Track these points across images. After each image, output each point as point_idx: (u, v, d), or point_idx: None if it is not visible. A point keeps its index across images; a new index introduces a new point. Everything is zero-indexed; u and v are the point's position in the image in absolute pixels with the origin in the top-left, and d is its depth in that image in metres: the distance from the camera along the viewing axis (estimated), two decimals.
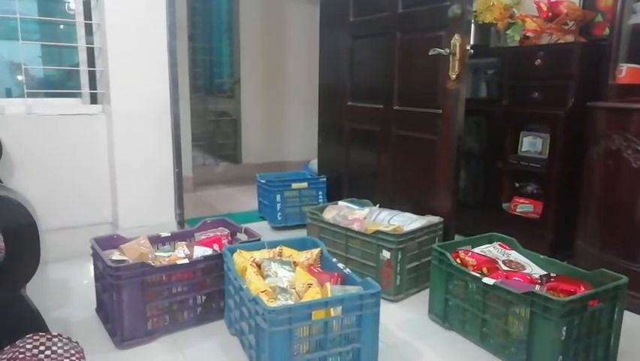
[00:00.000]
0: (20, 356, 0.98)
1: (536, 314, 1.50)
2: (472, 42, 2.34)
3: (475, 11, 2.74)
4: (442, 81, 2.27)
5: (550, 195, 2.47)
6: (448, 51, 2.20)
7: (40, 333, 1.03)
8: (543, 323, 1.48)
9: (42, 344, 1.02)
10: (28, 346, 1.00)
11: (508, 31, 2.83)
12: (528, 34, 2.73)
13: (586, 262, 2.06)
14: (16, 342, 1.00)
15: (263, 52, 4.46)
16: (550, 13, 2.63)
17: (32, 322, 1.04)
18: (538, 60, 2.45)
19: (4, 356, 0.97)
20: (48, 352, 1.01)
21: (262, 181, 3.19)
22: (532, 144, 2.61)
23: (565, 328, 1.45)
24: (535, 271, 1.82)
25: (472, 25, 2.60)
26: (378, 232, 2.09)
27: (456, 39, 2.17)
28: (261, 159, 4.58)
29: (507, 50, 2.78)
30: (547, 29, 2.66)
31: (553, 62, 2.41)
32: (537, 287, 1.62)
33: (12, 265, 0.98)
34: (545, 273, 1.76)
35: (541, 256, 1.89)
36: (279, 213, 3.04)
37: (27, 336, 1.02)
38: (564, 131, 2.38)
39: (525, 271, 1.80)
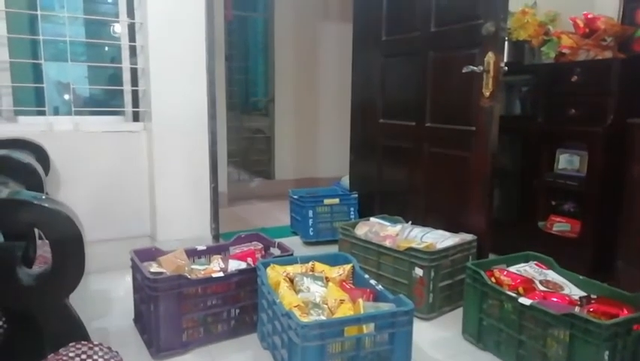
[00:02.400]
0: None
1: (576, 337, 1.45)
2: (505, 59, 2.33)
3: (510, 28, 2.73)
4: (476, 99, 2.26)
5: (588, 214, 2.40)
6: (482, 69, 2.20)
7: (83, 342, 1.07)
8: (584, 347, 1.43)
9: (84, 352, 1.05)
10: (70, 354, 1.03)
11: (543, 48, 2.79)
12: (564, 50, 2.69)
13: (627, 284, 1.98)
14: (60, 350, 1.04)
15: (296, 71, 4.54)
16: (587, 30, 2.59)
17: (75, 331, 1.09)
18: (575, 77, 2.41)
19: None
20: (89, 360, 1.04)
21: (295, 197, 3.22)
22: (569, 162, 2.55)
23: (607, 352, 1.40)
24: (574, 292, 1.77)
25: (506, 43, 2.58)
26: (410, 248, 2.08)
27: (490, 56, 2.17)
28: (294, 175, 4.63)
29: (542, 66, 2.74)
30: (585, 45, 2.61)
31: (591, 79, 2.37)
32: (577, 309, 1.57)
33: (58, 275, 1.03)
34: (585, 294, 1.71)
35: (581, 277, 1.83)
36: (311, 229, 3.07)
37: (70, 345, 1.05)
38: (603, 148, 2.32)
39: (563, 292, 1.76)
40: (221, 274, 1.82)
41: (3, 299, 1.05)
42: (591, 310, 1.57)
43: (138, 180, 2.57)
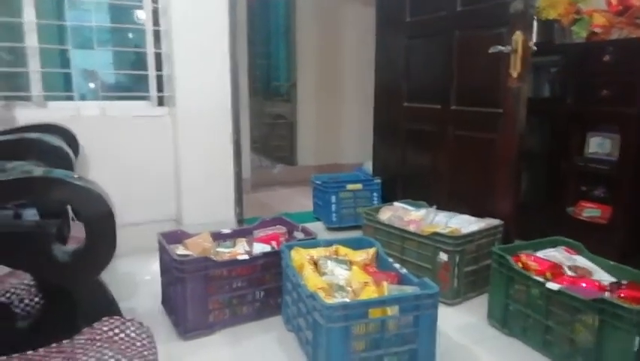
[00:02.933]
0: (97, 337, 1.04)
1: (606, 323, 1.43)
2: (534, 39, 2.26)
3: (539, 7, 2.64)
4: (503, 80, 2.21)
5: (620, 200, 2.34)
6: (510, 48, 2.14)
7: (116, 317, 1.10)
8: (614, 332, 1.41)
9: (117, 327, 1.08)
10: (104, 328, 1.06)
11: (573, 27, 2.70)
12: (596, 29, 2.59)
13: None
14: (94, 324, 1.07)
15: (319, 55, 4.51)
16: (620, 7, 2.49)
17: (108, 306, 1.12)
18: (607, 56, 2.33)
19: (83, 337, 1.05)
20: (122, 335, 1.07)
21: (317, 182, 3.23)
22: (600, 145, 2.48)
23: (638, 338, 1.37)
24: (604, 277, 1.73)
25: (535, 22, 2.50)
26: (435, 233, 2.07)
27: (518, 35, 2.11)
28: (316, 160, 4.63)
29: (572, 46, 2.65)
30: (618, 24, 2.52)
31: (625, 58, 2.28)
32: (606, 294, 1.54)
33: (92, 251, 1.05)
34: (615, 280, 1.67)
35: (611, 263, 1.79)
36: (334, 214, 3.07)
37: (103, 319, 1.08)
38: (636, 130, 2.24)
39: (593, 278, 1.72)
40: (246, 256, 1.84)
41: (40, 275, 1.09)
42: (621, 295, 1.54)
43: (163, 164, 2.61)
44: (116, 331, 1.05)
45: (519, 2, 2.11)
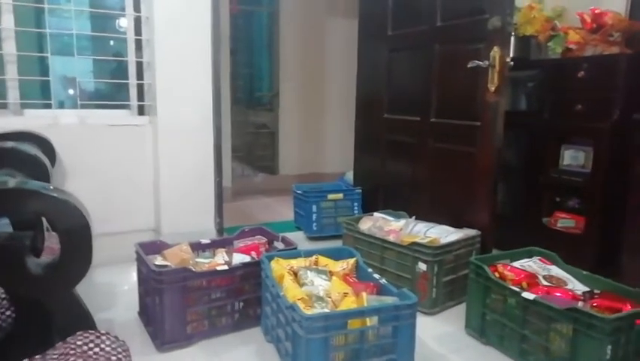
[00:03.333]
0: (71, 352, 1.02)
1: (579, 332, 1.46)
2: (511, 54, 2.32)
3: (516, 23, 2.72)
4: (481, 93, 2.26)
5: (593, 210, 2.40)
6: (488, 63, 2.19)
7: (90, 331, 1.08)
8: (587, 341, 1.44)
9: (91, 341, 1.06)
10: (78, 343, 1.04)
11: (549, 44, 2.78)
12: (570, 46, 2.67)
13: (631, 280, 1.98)
14: (68, 339, 1.05)
15: (301, 66, 4.54)
16: (594, 25, 2.57)
17: (83, 320, 1.10)
18: (582, 72, 2.40)
19: (57, 352, 1.02)
20: (97, 349, 1.05)
21: (298, 192, 3.23)
22: (574, 158, 2.55)
23: (610, 347, 1.41)
24: (578, 287, 1.77)
25: (512, 38, 2.57)
26: (414, 243, 2.09)
27: (495, 51, 2.16)
28: (298, 170, 4.64)
29: (548, 62, 2.73)
30: (592, 41, 2.59)
31: (598, 74, 2.36)
32: (580, 304, 1.58)
33: (66, 264, 1.04)
34: (588, 289, 1.71)
35: (584, 272, 1.83)
36: (315, 224, 3.07)
37: (78, 333, 1.06)
38: (608, 144, 2.31)
39: (567, 287, 1.76)
40: (225, 267, 1.83)
41: (12, 288, 1.06)
42: (594, 304, 1.58)
43: (143, 173, 2.58)
44: (91, 345, 1.03)
45: (497, 19, 2.16)
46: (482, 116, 2.28)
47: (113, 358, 1.05)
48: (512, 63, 2.20)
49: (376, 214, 2.58)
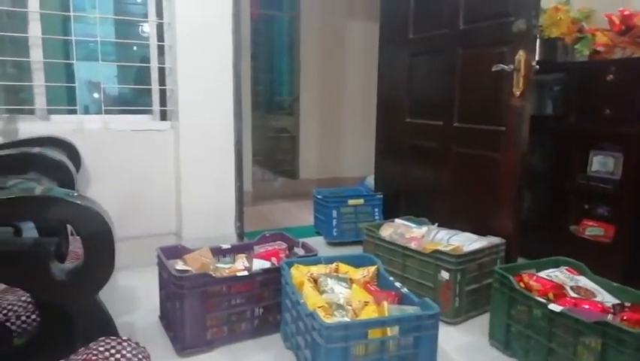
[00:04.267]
0: (94, 358, 1.03)
1: (609, 346, 1.40)
2: (537, 57, 2.27)
3: (541, 26, 2.66)
4: (506, 98, 2.22)
5: (623, 219, 2.32)
6: (512, 67, 2.15)
7: (112, 337, 1.09)
8: (617, 356, 1.39)
9: (113, 347, 1.07)
10: (100, 348, 1.05)
11: (576, 46, 2.71)
12: (598, 48, 2.60)
13: None
14: (90, 344, 1.06)
15: (322, 70, 4.53)
16: (623, 27, 2.50)
17: (105, 326, 1.11)
18: (611, 75, 2.33)
19: (79, 357, 1.03)
20: (118, 355, 1.06)
21: (319, 197, 3.22)
22: (602, 164, 2.47)
23: None
24: (607, 299, 1.71)
25: (538, 40, 2.52)
26: (436, 251, 2.05)
27: (520, 55, 2.12)
28: (318, 174, 4.63)
29: (575, 65, 2.66)
30: (620, 43, 2.52)
31: (627, 78, 2.29)
32: (609, 317, 1.52)
33: (89, 270, 1.05)
34: (619, 302, 1.65)
35: (614, 284, 1.77)
36: (335, 229, 3.05)
37: (100, 339, 1.07)
38: (639, 150, 2.23)
39: (596, 299, 1.70)
40: (245, 273, 1.82)
41: (37, 293, 1.08)
42: (625, 318, 1.52)
43: (165, 178, 2.61)
44: (112, 351, 1.04)
45: (522, 22, 2.12)
46: (507, 120, 2.24)
47: None
48: (538, 67, 2.14)
49: (398, 221, 2.55)
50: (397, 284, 1.72)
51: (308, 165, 4.65)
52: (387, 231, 2.42)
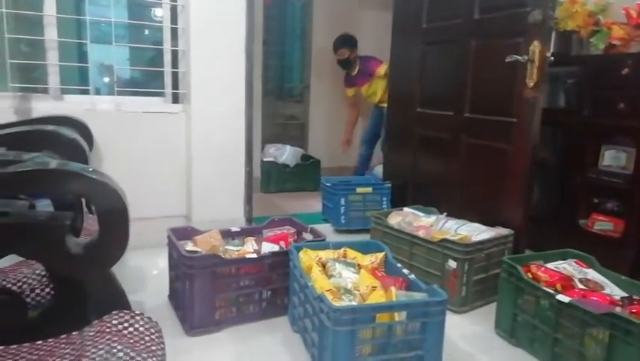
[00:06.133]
0: (107, 330, 1.05)
1: (617, 338, 1.41)
2: (551, 50, 2.25)
3: (557, 18, 2.63)
4: (519, 89, 2.20)
5: (634, 214, 2.30)
6: (527, 58, 2.13)
7: (125, 311, 1.10)
8: (624, 348, 1.39)
9: (126, 321, 1.08)
10: (114, 321, 1.07)
11: (592, 39, 2.68)
12: (614, 42, 2.57)
13: None
14: (104, 317, 1.07)
15: (333, 58, 4.50)
16: None
17: (118, 300, 1.12)
18: (626, 69, 2.31)
19: (93, 330, 1.05)
20: (131, 328, 1.07)
21: (327, 184, 3.22)
22: (614, 158, 2.45)
23: None
24: (616, 292, 1.71)
25: (553, 32, 2.49)
26: (444, 240, 2.05)
27: (535, 46, 2.10)
28: (327, 162, 4.62)
29: (590, 58, 2.63)
30: (637, 37, 2.49)
31: None
32: (618, 309, 1.52)
33: (104, 245, 1.06)
34: (627, 295, 1.65)
35: (623, 277, 1.77)
36: (343, 217, 3.06)
37: (113, 312, 1.09)
38: None
39: (604, 292, 1.70)
40: (254, 255, 1.84)
41: (53, 266, 1.09)
42: (633, 311, 1.52)
43: (175, 160, 2.62)
44: (126, 325, 1.05)
45: (538, 13, 2.09)
46: (519, 112, 2.22)
47: (147, 338, 1.07)
48: (552, 58, 2.13)
49: (406, 209, 2.55)
50: (405, 271, 1.73)
51: (317, 153, 4.64)
52: (395, 219, 2.42)
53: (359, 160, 4.31)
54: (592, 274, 1.83)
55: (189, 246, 1.90)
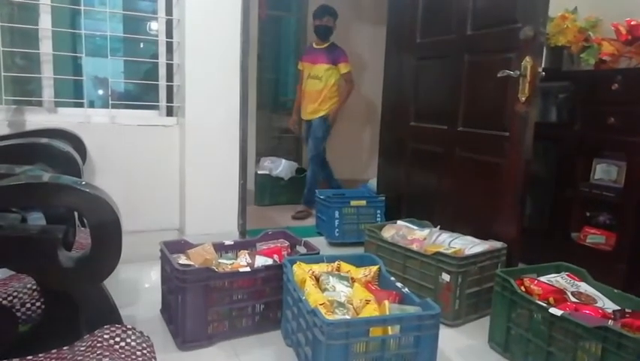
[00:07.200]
0: (98, 344, 1.04)
1: (609, 351, 1.41)
2: (543, 65, 2.28)
3: (548, 34, 2.67)
4: (511, 104, 2.23)
5: (625, 227, 2.32)
6: (519, 73, 2.16)
7: (117, 325, 1.09)
8: None
9: (118, 335, 1.07)
10: (105, 336, 1.06)
11: (582, 55, 2.72)
12: (604, 57, 2.61)
13: None
14: (95, 332, 1.06)
15: None
16: (629, 37, 2.51)
17: (110, 314, 1.11)
18: (616, 85, 2.34)
19: (84, 344, 1.04)
20: (122, 343, 1.06)
21: (321, 197, 3.23)
22: (606, 172, 2.48)
23: None
24: (608, 305, 1.72)
25: (544, 48, 2.53)
26: (438, 253, 2.06)
27: (527, 61, 2.13)
28: None
29: (581, 73, 2.67)
30: (626, 53, 2.53)
31: (633, 87, 2.29)
32: (610, 322, 1.53)
33: (96, 259, 1.05)
34: (619, 308, 1.66)
35: (615, 291, 1.77)
36: (337, 230, 3.06)
37: (105, 327, 1.08)
38: None
39: (596, 305, 1.70)
40: (247, 269, 1.83)
41: (44, 280, 1.08)
42: (625, 324, 1.52)
43: (169, 173, 2.62)
44: (117, 339, 1.04)
45: (529, 29, 2.13)
46: (511, 126, 2.25)
47: (138, 353, 1.06)
48: (544, 74, 2.16)
49: (400, 222, 2.55)
50: (398, 284, 1.73)
51: None
52: (389, 232, 2.43)
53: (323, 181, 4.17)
54: (584, 287, 1.83)
55: (182, 259, 1.89)
